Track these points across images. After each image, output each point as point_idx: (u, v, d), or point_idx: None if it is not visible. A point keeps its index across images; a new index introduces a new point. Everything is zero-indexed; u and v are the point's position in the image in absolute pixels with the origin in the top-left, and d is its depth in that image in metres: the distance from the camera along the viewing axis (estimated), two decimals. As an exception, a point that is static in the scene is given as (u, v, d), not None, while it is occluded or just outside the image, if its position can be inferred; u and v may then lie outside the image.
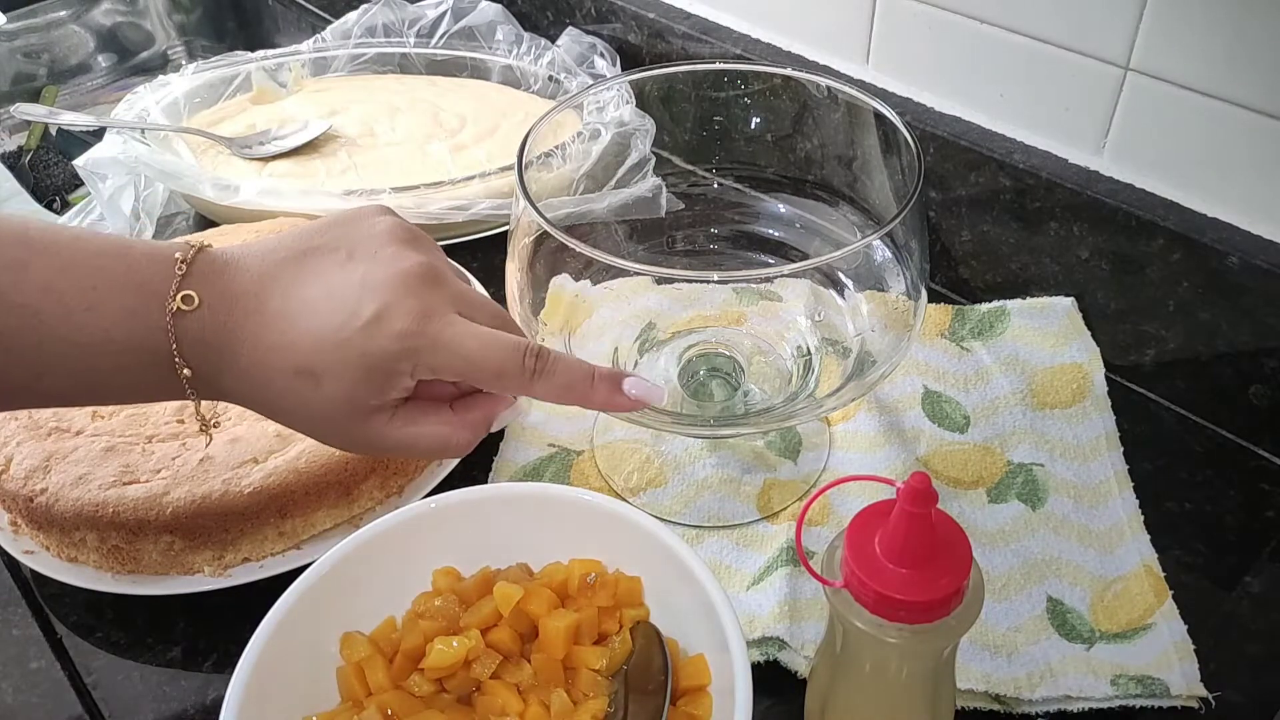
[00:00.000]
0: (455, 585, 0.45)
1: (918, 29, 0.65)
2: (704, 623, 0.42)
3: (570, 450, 0.58)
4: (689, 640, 0.43)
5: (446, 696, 0.43)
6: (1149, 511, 0.53)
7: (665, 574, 0.44)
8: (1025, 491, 0.54)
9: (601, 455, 0.58)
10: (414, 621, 0.44)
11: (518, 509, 0.47)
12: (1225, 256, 0.54)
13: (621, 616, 0.44)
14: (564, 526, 0.46)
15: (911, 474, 0.34)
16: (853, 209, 0.57)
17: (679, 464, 0.56)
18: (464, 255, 0.68)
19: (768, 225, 0.60)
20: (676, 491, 0.55)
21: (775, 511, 0.54)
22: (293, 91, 0.91)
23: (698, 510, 0.54)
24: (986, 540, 0.52)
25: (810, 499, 0.45)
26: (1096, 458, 0.56)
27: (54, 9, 1.11)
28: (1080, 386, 0.59)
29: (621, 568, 0.45)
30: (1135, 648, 0.47)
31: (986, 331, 0.63)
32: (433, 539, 0.46)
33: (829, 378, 0.53)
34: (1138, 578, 0.49)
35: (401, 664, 0.43)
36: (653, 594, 0.45)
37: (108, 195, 0.74)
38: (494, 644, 0.43)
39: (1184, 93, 0.55)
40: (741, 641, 0.40)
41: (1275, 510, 0.54)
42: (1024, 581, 0.50)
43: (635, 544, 0.45)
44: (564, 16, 0.88)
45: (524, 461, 0.57)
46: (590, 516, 0.46)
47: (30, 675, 0.49)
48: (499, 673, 0.42)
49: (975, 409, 0.58)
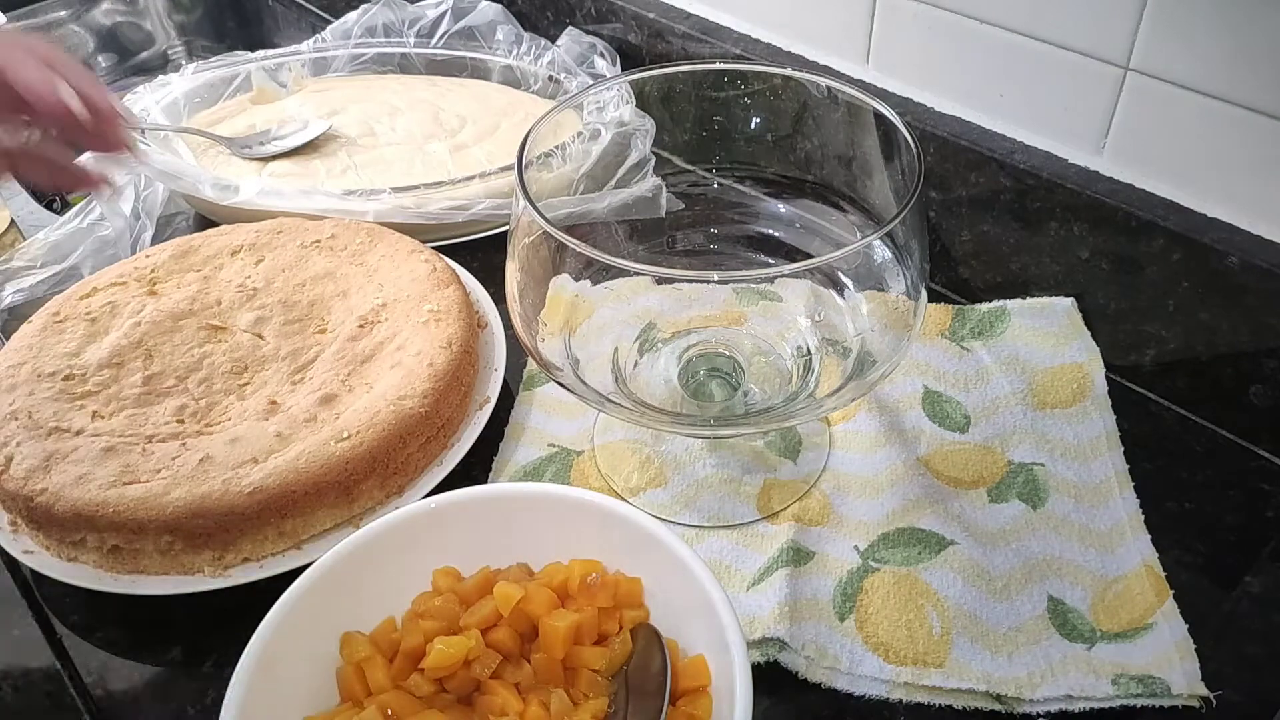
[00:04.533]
0: (455, 585, 0.45)
1: (918, 29, 0.65)
2: (704, 623, 0.42)
3: (570, 450, 0.58)
4: (689, 640, 0.43)
5: (447, 696, 0.43)
6: (1149, 511, 0.53)
7: (665, 574, 0.44)
8: (1026, 491, 0.54)
9: (602, 455, 0.57)
10: (414, 621, 0.44)
11: (517, 509, 0.47)
12: (1225, 256, 0.54)
13: (622, 617, 0.44)
14: (564, 526, 0.46)
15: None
16: (853, 209, 0.56)
17: (679, 463, 0.56)
18: (464, 255, 0.68)
19: (768, 225, 0.60)
20: (677, 491, 0.55)
21: (775, 511, 0.54)
22: (293, 91, 0.91)
23: (698, 510, 0.54)
24: (987, 540, 0.51)
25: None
26: (1097, 457, 0.55)
27: (54, 9, 1.11)
28: (1081, 386, 0.59)
29: (622, 568, 0.45)
30: (1136, 647, 0.47)
31: (987, 331, 0.63)
32: (432, 539, 0.46)
33: (829, 378, 0.53)
34: (1139, 577, 0.49)
35: (401, 664, 0.43)
36: (653, 594, 0.45)
37: (107, 195, 0.74)
38: (494, 644, 0.43)
39: (1184, 93, 0.55)
40: (741, 642, 0.40)
41: (1275, 510, 0.54)
42: (1024, 581, 0.50)
43: (635, 544, 0.45)
44: (564, 16, 0.88)
45: (524, 461, 0.57)
46: (591, 516, 0.46)
47: (30, 675, 0.49)
48: (499, 673, 0.42)
49: (976, 409, 0.58)
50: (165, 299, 0.62)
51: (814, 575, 0.50)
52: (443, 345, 0.57)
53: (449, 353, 0.57)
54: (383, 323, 0.60)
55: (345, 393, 0.56)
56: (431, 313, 0.59)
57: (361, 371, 0.58)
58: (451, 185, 0.72)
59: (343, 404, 0.55)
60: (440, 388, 0.55)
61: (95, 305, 0.62)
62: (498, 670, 0.42)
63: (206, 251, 0.66)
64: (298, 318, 0.62)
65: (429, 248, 0.66)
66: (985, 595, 0.49)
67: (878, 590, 0.49)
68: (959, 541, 0.51)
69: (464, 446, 0.56)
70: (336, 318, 0.62)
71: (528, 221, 0.47)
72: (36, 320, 0.61)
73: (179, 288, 0.63)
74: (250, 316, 0.62)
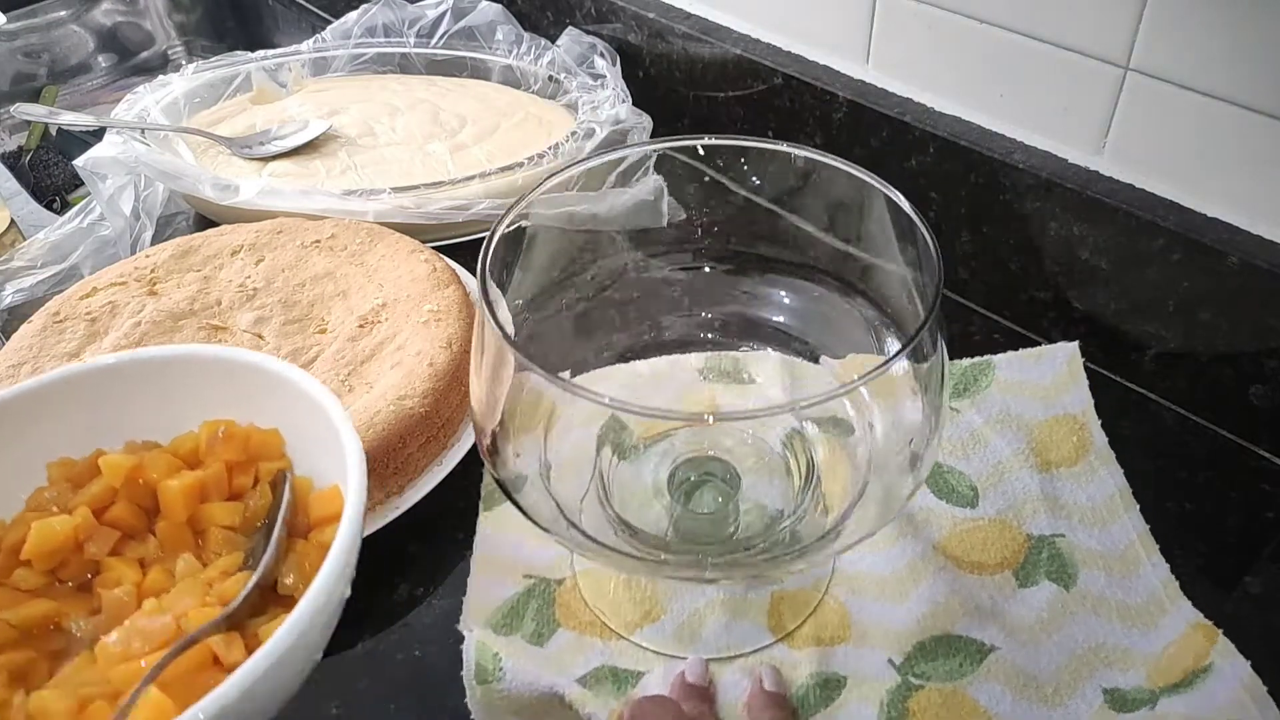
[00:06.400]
0: (69, 473, 0.42)
1: (918, 29, 0.65)
2: (336, 451, 0.40)
3: (549, 580, 0.51)
4: (326, 476, 0.42)
5: (63, 587, 0.40)
6: (1149, 512, 0.53)
7: (301, 416, 0.42)
8: (1054, 569, 0.50)
9: (586, 583, 0.51)
10: (21, 517, 0.41)
11: (139, 381, 0.43)
12: (1225, 256, 0.54)
13: (258, 470, 0.42)
14: (193, 392, 0.43)
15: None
16: (860, 298, 0.51)
17: (674, 587, 0.50)
18: (464, 255, 0.68)
19: (763, 309, 0.54)
20: (679, 621, 0.49)
21: (790, 631, 0.48)
22: (293, 91, 0.91)
23: (705, 642, 0.48)
24: (1028, 636, 0.47)
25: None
26: (1115, 520, 0.53)
27: (54, 9, 1.11)
28: (1080, 440, 0.56)
29: (258, 421, 0.43)
30: (1201, 694, 0.43)
31: (971, 387, 0.59)
32: (42, 431, 0.42)
33: (836, 476, 0.48)
34: (1187, 638, 0.46)
35: (4, 560, 0.40)
36: (299, 442, 0.43)
37: (108, 195, 0.74)
38: (112, 522, 0.40)
39: (1184, 93, 0.55)
40: (354, 439, 0.39)
41: (1275, 510, 0.54)
42: (1075, 679, 0.46)
43: (268, 391, 0.42)
44: (564, 16, 0.88)
45: (499, 601, 0.50)
46: (223, 376, 0.43)
47: (30, 675, 0.49)
48: (120, 550, 0.40)
49: (980, 478, 0.54)
50: (165, 299, 0.62)
51: (852, 703, 0.45)
52: (443, 345, 0.57)
53: (449, 352, 0.57)
54: (383, 323, 0.60)
55: (345, 393, 0.56)
56: (431, 313, 0.59)
57: (361, 371, 0.58)
58: (451, 185, 0.72)
59: (343, 404, 0.55)
60: (440, 388, 0.55)
61: (95, 305, 0.62)
62: (118, 548, 0.40)
63: (206, 251, 0.66)
64: (298, 318, 0.62)
65: (429, 248, 0.66)
66: (1038, 704, 0.45)
67: (926, 713, 0.44)
68: (1000, 646, 0.47)
69: (464, 446, 0.56)
70: (336, 318, 0.62)
71: (494, 338, 0.39)
72: (36, 320, 0.61)
73: (179, 288, 0.63)
74: (250, 316, 0.62)
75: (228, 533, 0.40)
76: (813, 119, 0.71)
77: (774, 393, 0.54)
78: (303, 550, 0.40)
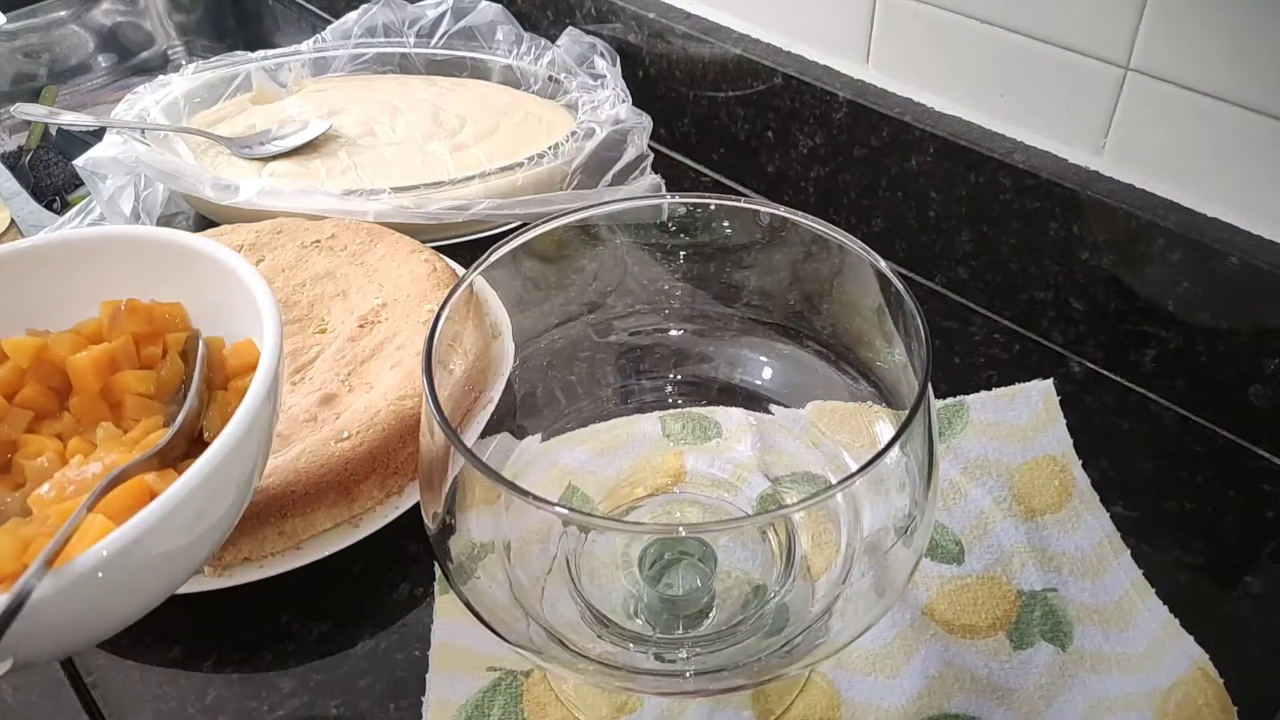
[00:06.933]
0: None
1: (918, 29, 0.65)
2: (243, 306, 0.41)
3: (515, 673, 0.47)
4: (238, 333, 0.42)
5: None
6: (1149, 512, 0.53)
7: (211, 283, 0.42)
8: (1048, 628, 0.48)
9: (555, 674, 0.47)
10: None
11: (37, 268, 0.43)
12: (1225, 256, 0.54)
13: (166, 341, 0.43)
14: (97, 278, 0.43)
15: None
16: (841, 359, 0.48)
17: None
18: (464, 255, 0.68)
19: (742, 371, 0.53)
20: (656, 713, 0.45)
21: (778, 715, 0.45)
22: (293, 91, 0.91)
23: None
24: (1028, 706, 0.45)
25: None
26: (1106, 569, 0.50)
27: (54, 9, 1.11)
28: (1063, 483, 0.54)
29: (160, 295, 0.43)
30: None
31: (945, 431, 0.56)
32: None
33: (821, 544, 0.45)
34: (1195, 683, 0.44)
35: None
36: (207, 310, 0.43)
37: (108, 195, 0.74)
38: (24, 403, 0.40)
39: (1184, 93, 0.55)
40: (268, 295, 0.40)
41: (1275, 510, 0.54)
42: None
43: (174, 264, 0.43)
44: (564, 16, 0.88)
45: (463, 698, 0.46)
46: (123, 257, 0.43)
47: (30, 675, 0.49)
48: (35, 428, 0.40)
49: (963, 531, 0.52)
50: (165, 299, 0.62)
51: None
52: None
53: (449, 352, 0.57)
54: (383, 323, 0.60)
55: (345, 393, 0.56)
56: (431, 312, 0.59)
57: (361, 371, 0.58)
58: (451, 185, 0.72)
59: (342, 404, 0.55)
60: (440, 388, 0.55)
61: (95, 305, 0.62)
62: (34, 427, 0.40)
63: (206, 251, 0.66)
64: (298, 318, 0.62)
65: (429, 248, 0.66)
66: None
67: None
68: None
69: (464, 446, 0.56)
70: (336, 318, 0.62)
71: (443, 445, 0.36)
72: (36, 320, 0.61)
73: (179, 287, 0.64)
74: (250, 316, 0.62)
75: (143, 400, 0.40)
76: (813, 119, 0.71)
77: (741, 449, 0.52)
78: (223, 399, 0.41)
